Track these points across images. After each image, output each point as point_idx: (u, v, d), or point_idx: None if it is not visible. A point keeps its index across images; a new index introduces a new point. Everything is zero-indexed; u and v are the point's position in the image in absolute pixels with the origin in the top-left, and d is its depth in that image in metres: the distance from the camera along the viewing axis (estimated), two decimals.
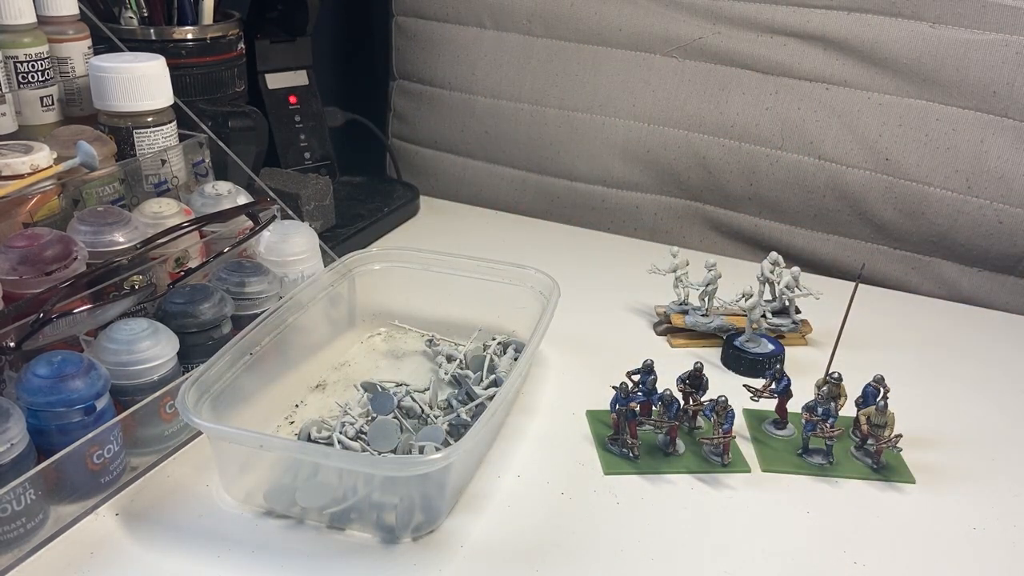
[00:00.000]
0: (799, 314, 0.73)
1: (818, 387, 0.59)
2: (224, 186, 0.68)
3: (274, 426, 0.59)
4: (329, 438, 0.55)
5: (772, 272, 0.72)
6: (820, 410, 0.56)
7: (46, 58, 0.64)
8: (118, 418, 0.50)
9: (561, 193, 1.01)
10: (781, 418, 0.60)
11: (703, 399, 0.59)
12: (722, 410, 0.55)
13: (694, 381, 0.59)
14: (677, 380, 0.60)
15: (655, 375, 0.58)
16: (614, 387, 0.56)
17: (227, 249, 0.63)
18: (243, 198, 0.68)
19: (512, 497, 0.53)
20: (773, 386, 0.59)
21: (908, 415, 0.59)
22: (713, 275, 0.71)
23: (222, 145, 0.72)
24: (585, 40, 0.96)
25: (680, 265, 0.72)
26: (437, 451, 0.48)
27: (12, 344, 0.48)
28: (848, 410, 0.59)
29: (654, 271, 0.73)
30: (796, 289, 0.71)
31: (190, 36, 0.75)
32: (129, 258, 0.56)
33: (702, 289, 0.71)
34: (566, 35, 0.97)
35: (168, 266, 0.61)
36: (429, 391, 0.59)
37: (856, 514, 0.53)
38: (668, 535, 0.51)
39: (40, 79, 0.64)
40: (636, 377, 0.59)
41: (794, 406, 0.59)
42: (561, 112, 0.99)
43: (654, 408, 0.57)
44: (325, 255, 0.72)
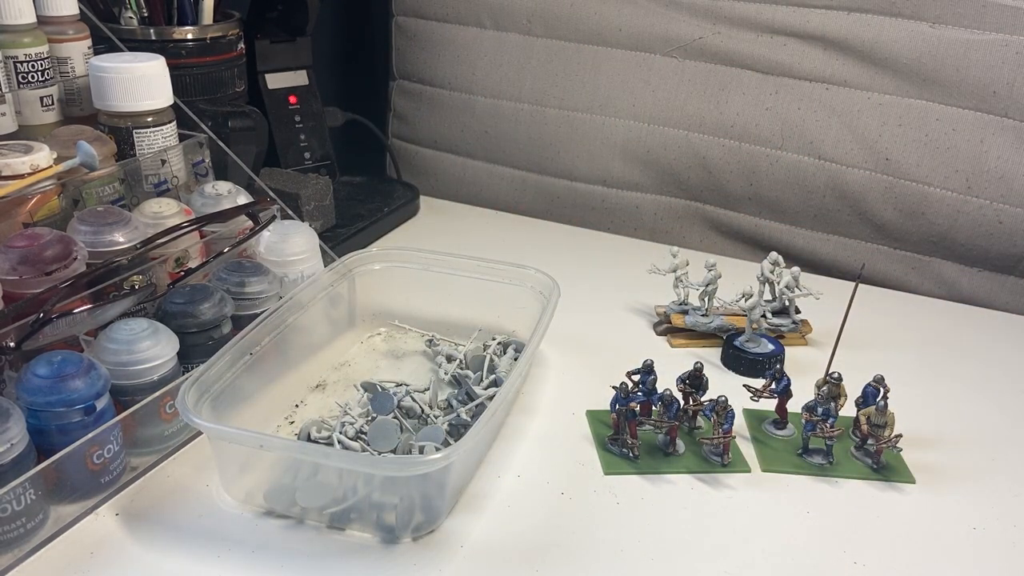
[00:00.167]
0: (799, 314, 0.73)
1: (818, 387, 0.59)
2: (224, 186, 0.68)
3: (274, 426, 0.59)
4: (329, 438, 0.55)
5: (772, 272, 0.72)
6: (820, 410, 0.56)
7: (46, 58, 0.64)
8: (118, 418, 0.50)
9: (561, 193, 1.01)
10: (781, 418, 0.60)
11: (703, 399, 0.59)
12: (722, 410, 0.55)
13: (694, 381, 0.59)
14: (677, 380, 0.60)
15: (655, 375, 0.58)
16: (614, 387, 0.56)
17: (227, 249, 0.63)
18: (243, 198, 0.68)
19: (512, 497, 0.53)
20: (773, 386, 0.59)
21: (908, 415, 0.59)
22: (713, 275, 0.71)
23: (222, 145, 0.72)
24: (585, 40, 0.96)
25: (680, 265, 0.72)
26: (437, 451, 0.48)
27: (12, 344, 0.48)
28: (848, 410, 0.59)
29: (654, 271, 0.73)
30: (796, 289, 0.71)
31: (190, 36, 0.75)
32: (129, 258, 0.56)
33: (702, 289, 0.71)
34: (566, 35, 0.97)
35: (168, 266, 0.61)
36: (429, 391, 0.59)
37: (856, 514, 0.53)
38: (668, 535, 0.51)
39: (40, 79, 0.64)
40: (636, 377, 0.59)
41: (794, 406, 0.59)
42: (561, 112, 0.99)
43: (654, 408, 0.57)
44: (325, 255, 0.72)
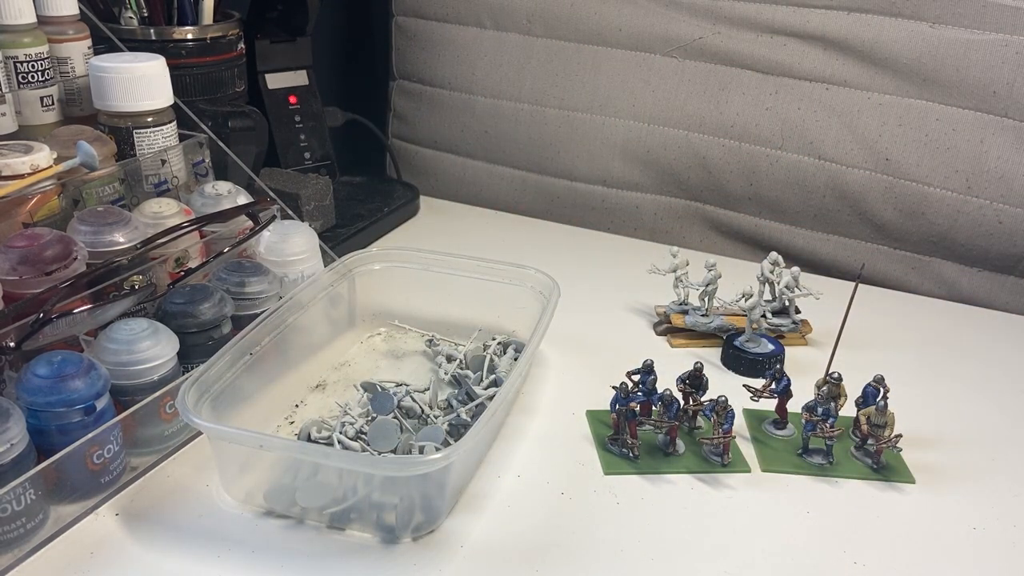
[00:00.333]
0: (799, 314, 0.73)
1: (818, 387, 0.59)
2: (224, 186, 0.68)
3: (274, 426, 0.59)
4: (329, 438, 0.55)
5: (772, 272, 0.72)
6: (820, 410, 0.56)
7: (46, 58, 0.64)
8: (118, 418, 0.50)
9: (561, 193, 1.01)
10: (781, 418, 0.60)
11: (703, 399, 0.59)
12: (722, 410, 0.55)
13: (694, 381, 0.59)
14: (677, 380, 0.60)
15: (655, 375, 0.58)
16: (614, 387, 0.56)
17: (227, 249, 0.63)
18: (243, 198, 0.68)
19: (512, 497, 0.53)
20: (773, 386, 0.59)
21: (908, 415, 0.59)
22: (713, 275, 0.71)
23: (222, 145, 0.72)
24: (585, 40, 0.96)
25: (680, 265, 0.72)
26: (437, 451, 0.48)
27: (12, 344, 0.48)
28: (848, 410, 0.59)
29: (654, 271, 0.73)
30: (796, 289, 0.71)
31: (190, 36, 0.75)
32: (129, 258, 0.56)
33: (702, 289, 0.71)
34: (566, 35, 0.97)
35: (168, 266, 0.61)
36: (429, 391, 0.59)
37: (856, 514, 0.53)
38: (668, 535, 0.51)
39: (40, 79, 0.64)
40: (636, 377, 0.59)
41: (794, 406, 0.59)
42: (561, 112, 0.99)
43: (654, 408, 0.57)
44: (325, 255, 0.72)
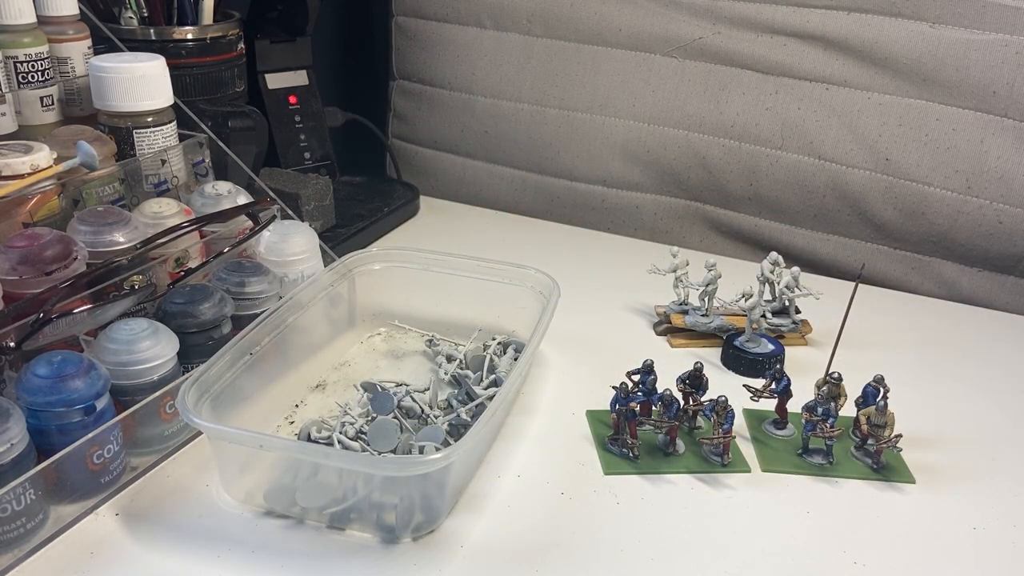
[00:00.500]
0: (799, 314, 0.73)
1: (818, 387, 0.59)
2: (224, 186, 0.68)
3: (274, 426, 0.59)
4: (329, 438, 0.55)
5: (772, 272, 0.72)
6: (820, 410, 0.56)
7: (46, 58, 0.64)
8: (118, 418, 0.50)
9: (561, 193, 1.01)
10: (781, 418, 0.60)
11: (703, 399, 0.59)
12: (722, 410, 0.55)
13: (694, 381, 0.59)
14: (677, 380, 0.60)
15: (655, 375, 0.58)
16: (614, 387, 0.56)
17: (227, 249, 0.63)
18: (243, 198, 0.68)
19: (512, 497, 0.53)
20: (773, 386, 0.59)
21: (908, 415, 0.59)
22: (713, 275, 0.71)
23: (222, 145, 0.72)
24: (585, 40, 0.96)
25: (680, 265, 0.72)
26: (437, 451, 0.48)
27: (12, 344, 0.48)
28: (848, 410, 0.59)
29: (654, 271, 0.73)
30: (796, 289, 0.71)
31: (190, 36, 0.75)
32: (129, 258, 0.56)
33: (702, 289, 0.71)
34: (566, 35, 0.97)
35: (168, 266, 0.61)
36: (429, 391, 0.59)
37: (856, 514, 0.53)
38: (668, 535, 0.50)
39: (40, 79, 0.64)
40: (636, 377, 0.59)
41: (794, 406, 0.59)
42: (561, 112, 0.99)
43: (654, 408, 0.57)
44: (325, 255, 0.72)
